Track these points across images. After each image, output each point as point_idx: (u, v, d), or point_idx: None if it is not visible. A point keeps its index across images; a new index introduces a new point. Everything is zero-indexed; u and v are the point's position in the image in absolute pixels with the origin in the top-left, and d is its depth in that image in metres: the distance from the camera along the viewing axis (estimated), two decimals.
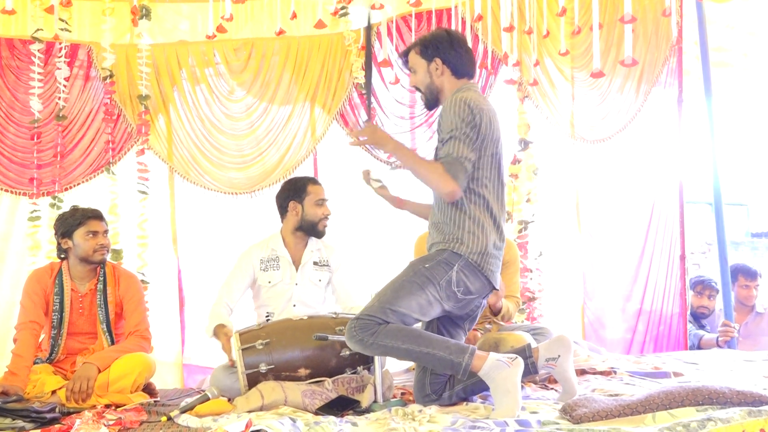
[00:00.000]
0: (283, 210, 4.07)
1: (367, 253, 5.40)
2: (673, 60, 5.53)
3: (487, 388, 3.08)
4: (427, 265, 3.03)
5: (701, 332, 5.26)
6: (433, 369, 3.08)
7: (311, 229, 4.01)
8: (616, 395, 3.17)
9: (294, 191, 4.04)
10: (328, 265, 4.08)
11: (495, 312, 3.99)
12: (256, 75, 5.34)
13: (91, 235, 3.86)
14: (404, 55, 3.31)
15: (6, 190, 5.10)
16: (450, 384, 3.16)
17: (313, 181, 4.11)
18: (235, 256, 4.71)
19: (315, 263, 4.05)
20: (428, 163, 3.07)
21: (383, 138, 3.20)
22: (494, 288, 3.17)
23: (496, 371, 2.86)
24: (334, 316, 3.56)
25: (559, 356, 3.04)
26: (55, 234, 3.94)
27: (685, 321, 5.45)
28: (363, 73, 5.20)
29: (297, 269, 4.01)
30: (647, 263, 5.56)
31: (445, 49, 3.18)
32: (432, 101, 3.26)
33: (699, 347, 5.16)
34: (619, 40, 5.35)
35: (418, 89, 3.28)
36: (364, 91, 4.88)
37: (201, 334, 5.11)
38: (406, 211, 3.64)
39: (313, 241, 4.07)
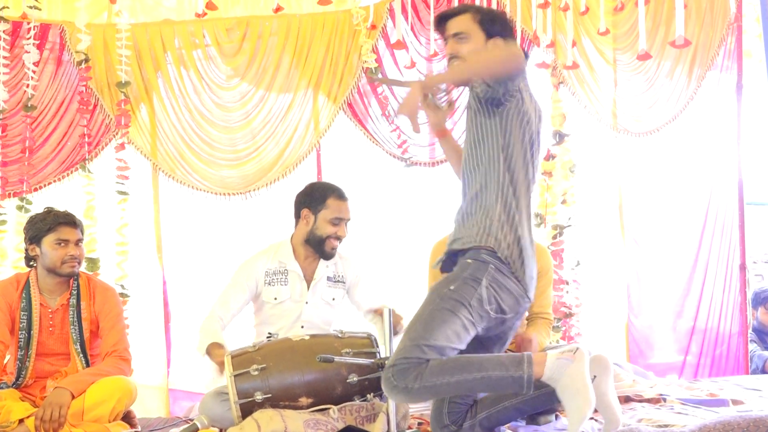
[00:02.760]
0: (296, 215, 4.04)
1: (378, 260, 5.40)
2: (731, 40, 5.50)
3: (515, 418, 3.08)
4: (452, 287, 2.98)
5: (766, 353, 5.22)
6: (494, 392, 3.04)
7: (317, 246, 3.96)
8: (666, 426, 3.15)
9: (311, 199, 3.98)
10: (343, 281, 4.07)
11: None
12: (251, 58, 5.35)
13: (60, 244, 3.86)
14: (450, 16, 3.21)
15: None
16: (472, 413, 3.15)
17: (338, 194, 3.98)
18: (227, 265, 4.71)
19: (329, 278, 4.03)
20: (477, 53, 3.05)
21: (432, 82, 3.18)
22: (528, 297, 3.14)
23: (560, 371, 2.85)
24: (339, 335, 3.54)
25: (595, 377, 3.03)
26: (24, 239, 3.96)
27: (746, 341, 5.41)
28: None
29: (308, 286, 4.00)
30: (701, 274, 5.53)
31: (508, 35, 3.17)
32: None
33: (763, 371, 5.12)
34: (669, 17, 5.32)
35: (455, 57, 3.16)
36: (376, 80, 4.78)
37: (188, 355, 5.15)
38: (443, 146, 3.58)
39: None
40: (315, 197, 3.97)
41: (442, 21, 3.22)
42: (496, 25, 3.15)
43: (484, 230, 3.03)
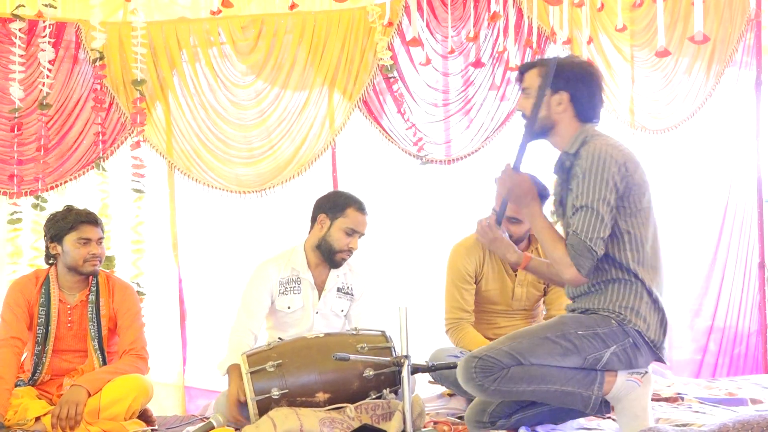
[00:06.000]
0: (312, 219, 4.01)
1: (392, 263, 5.41)
2: (751, 36, 5.49)
3: (546, 421, 3.11)
4: (580, 332, 2.93)
5: None
6: (560, 404, 3.03)
7: (327, 254, 3.92)
8: (685, 425, 3.15)
9: (331, 205, 3.94)
10: (351, 294, 4.05)
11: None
12: (266, 56, 5.37)
13: (82, 243, 3.88)
14: (522, 71, 3.16)
15: None
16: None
17: (359, 206, 3.93)
18: (243, 263, 4.72)
19: (339, 289, 4.02)
20: (553, 239, 2.98)
21: (519, 197, 3.07)
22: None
23: (625, 393, 2.90)
24: (353, 333, 3.56)
25: None
26: (45, 236, 3.99)
27: (765, 339, 5.39)
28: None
29: (320, 295, 4.00)
30: (719, 272, 5.51)
31: (578, 84, 3.05)
32: (537, 134, 3.11)
33: None
34: (686, 13, 5.31)
35: (524, 116, 3.11)
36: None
37: (204, 354, 5.18)
38: (532, 273, 3.42)
39: None
40: (336, 203, 3.94)
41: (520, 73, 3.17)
42: (560, 78, 3.03)
43: (631, 310, 2.94)
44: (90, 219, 3.95)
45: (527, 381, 2.87)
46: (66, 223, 3.91)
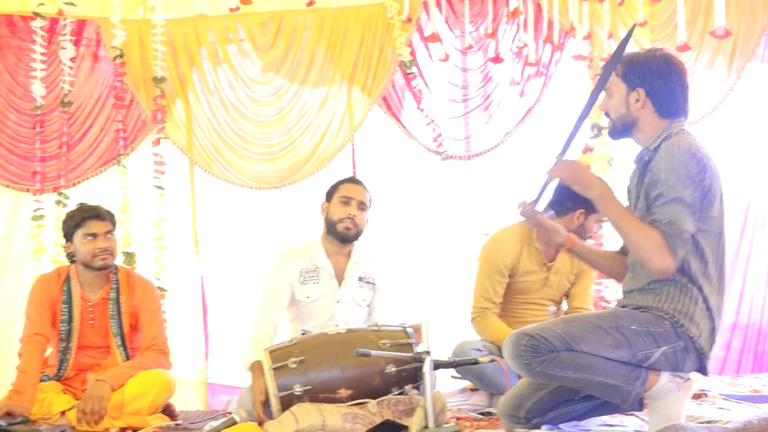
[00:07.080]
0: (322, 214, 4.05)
1: (412, 259, 5.40)
2: None
3: (578, 419, 3.14)
4: (633, 327, 2.87)
5: None
6: (599, 395, 3.01)
7: (333, 231, 3.91)
8: (709, 422, 3.14)
9: (328, 192, 4.02)
10: (373, 284, 4.03)
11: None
12: (285, 53, 5.38)
13: (89, 238, 3.89)
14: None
15: (6, 186, 5.20)
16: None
17: (351, 180, 4.03)
18: (263, 259, 4.72)
19: (360, 279, 4.01)
20: (642, 226, 2.87)
21: (585, 179, 2.99)
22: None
23: (664, 393, 2.88)
24: (375, 329, 3.55)
25: None
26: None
27: None
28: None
29: (339, 284, 3.99)
30: (742, 269, 5.46)
31: (655, 79, 2.98)
32: (620, 133, 3.09)
33: None
34: (707, 7, 5.26)
35: (607, 115, 3.10)
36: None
37: (226, 349, 5.19)
38: (575, 256, 3.34)
39: (357, 253, 3.99)
40: (331, 188, 4.02)
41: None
42: (635, 75, 2.98)
43: (684, 315, 2.89)
44: (94, 213, 3.94)
45: (574, 368, 2.82)
46: (73, 222, 3.93)
